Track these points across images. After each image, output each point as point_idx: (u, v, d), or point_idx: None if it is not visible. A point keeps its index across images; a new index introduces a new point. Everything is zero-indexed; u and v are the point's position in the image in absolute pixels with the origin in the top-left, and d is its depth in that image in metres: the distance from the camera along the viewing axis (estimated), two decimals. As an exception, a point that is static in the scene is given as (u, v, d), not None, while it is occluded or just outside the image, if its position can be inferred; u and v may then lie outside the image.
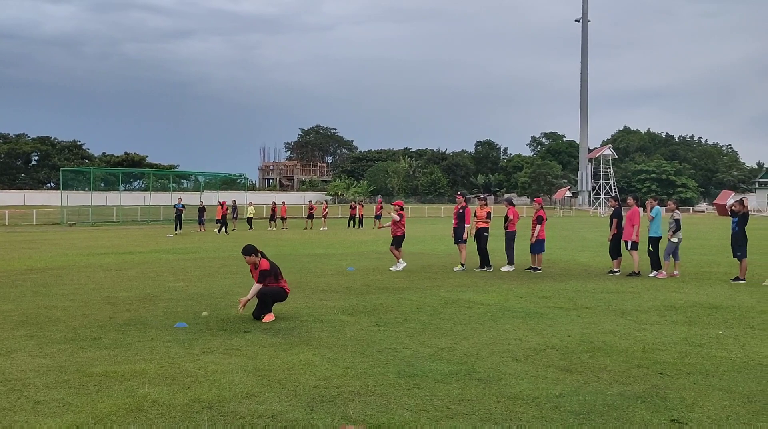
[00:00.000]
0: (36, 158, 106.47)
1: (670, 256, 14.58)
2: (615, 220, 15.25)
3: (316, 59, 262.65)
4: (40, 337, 7.91)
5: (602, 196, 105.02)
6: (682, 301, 10.91)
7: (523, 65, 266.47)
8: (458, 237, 15.91)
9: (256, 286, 8.98)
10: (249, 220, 40.90)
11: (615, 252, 15.15)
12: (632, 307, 10.37)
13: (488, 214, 16.01)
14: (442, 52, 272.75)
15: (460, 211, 16.03)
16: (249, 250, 9.12)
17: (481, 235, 15.87)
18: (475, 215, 16.17)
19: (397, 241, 15.93)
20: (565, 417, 5.11)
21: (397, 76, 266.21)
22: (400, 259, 15.86)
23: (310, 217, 41.94)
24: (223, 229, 34.74)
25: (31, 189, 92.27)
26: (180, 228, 34.70)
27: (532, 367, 6.55)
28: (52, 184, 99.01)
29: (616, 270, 15.04)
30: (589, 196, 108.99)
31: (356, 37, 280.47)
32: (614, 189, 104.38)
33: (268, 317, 8.97)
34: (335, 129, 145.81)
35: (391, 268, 15.61)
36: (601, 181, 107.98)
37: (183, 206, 35.75)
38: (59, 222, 48.42)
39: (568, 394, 5.69)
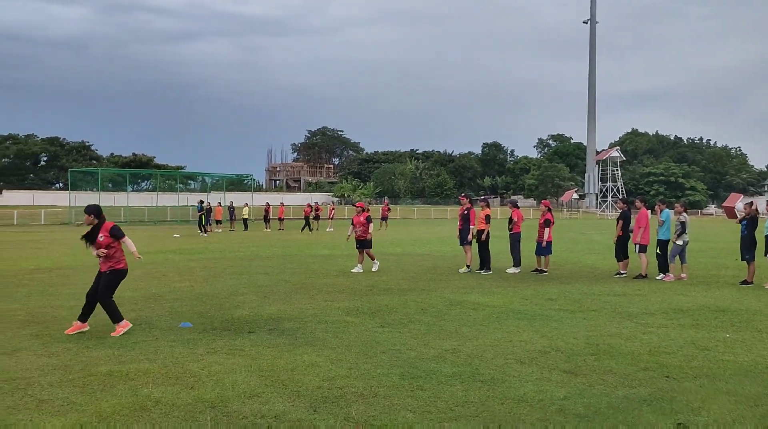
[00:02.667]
0: (45, 159, 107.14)
1: (676, 258, 14.50)
2: (621, 222, 15.19)
3: (321, 61, 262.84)
4: (46, 337, 7.94)
5: (609, 199, 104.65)
6: (689, 304, 10.85)
7: (530, 67, 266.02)
8: (463, 239, 15.87)
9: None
10: (245, 221, 40.55)
11: (622, 254, 15.08)
12: (638, 309, 10.32)
13: (487, 217, 15.88)
14: (449, 54, 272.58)
15: (465, 212, 15.97)
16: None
17: (480, 238, 15.79)
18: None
19: (367, 244, 15.80)
20: (570, 420, 5.08)
21: (404, 78, 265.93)
22: (375, 260, 15.94)
23: (317, 218, 41.95)
24: (307, 228, 37.06)
25: (39, 189, 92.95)
26: (203, 231, 33.43)
27: (537, 370, 6.52)
28: (61, 185, 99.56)
29: (623, 272, 14.97)
30: (596, 199, 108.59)
31: (362, 39, 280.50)
32: (622, 191, 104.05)
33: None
34: (342, 130, 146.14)
35: (373, 269, 15.52)
36: (609, 184, 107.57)
37: (202, 208, 34.43)
38: (67, 222, 48.57)
39: (572, 396, 5.66)
